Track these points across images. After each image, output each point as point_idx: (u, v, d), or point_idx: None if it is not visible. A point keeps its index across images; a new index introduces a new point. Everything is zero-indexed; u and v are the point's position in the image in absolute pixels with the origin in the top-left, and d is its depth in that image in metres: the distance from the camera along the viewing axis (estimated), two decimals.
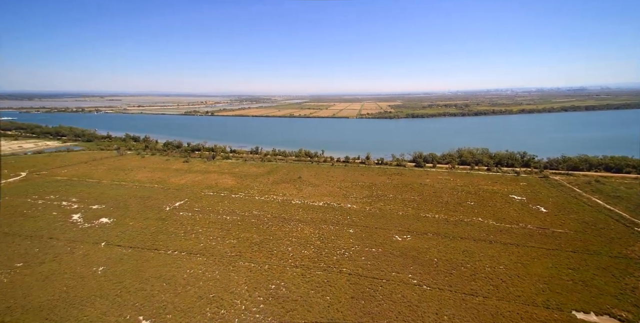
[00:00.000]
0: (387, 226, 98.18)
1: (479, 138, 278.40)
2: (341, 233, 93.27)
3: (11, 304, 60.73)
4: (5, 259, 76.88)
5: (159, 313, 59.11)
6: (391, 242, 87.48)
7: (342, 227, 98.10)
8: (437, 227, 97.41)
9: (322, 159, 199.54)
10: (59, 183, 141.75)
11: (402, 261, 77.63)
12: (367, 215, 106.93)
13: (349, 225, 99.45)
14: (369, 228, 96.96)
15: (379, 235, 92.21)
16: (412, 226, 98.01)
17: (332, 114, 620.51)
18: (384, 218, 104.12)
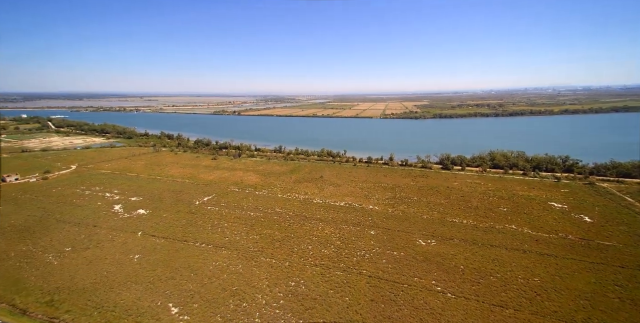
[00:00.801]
0: (410, 229, 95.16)
1: (514, 140, 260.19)
2: (362, 235, 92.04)
3: (60, 285, 67.68)
4: (57, 243, 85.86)
5: (187, 301, 62.48)
6: (414, 246, 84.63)
7: (363, 228, 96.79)
8: (465, 233, 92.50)
9: (344, 158, 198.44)
10: (104, 176, 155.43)
11: (426, 266, 74.77)
12: (389, 217, 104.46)
13: (370, 226, 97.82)
14: (391, 230, 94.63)
15: (401, 238, 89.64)
16: (437, 231, 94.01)
17: (356, 113, 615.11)
18: (407, 221, 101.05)
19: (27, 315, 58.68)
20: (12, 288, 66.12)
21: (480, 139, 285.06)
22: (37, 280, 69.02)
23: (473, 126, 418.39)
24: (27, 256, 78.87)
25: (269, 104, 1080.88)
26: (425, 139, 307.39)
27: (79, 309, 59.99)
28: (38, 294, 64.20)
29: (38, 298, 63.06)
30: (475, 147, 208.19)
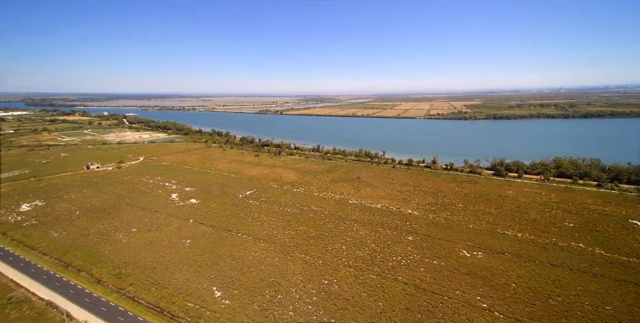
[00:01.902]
0: (453, 238, 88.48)
1: (587, 146, 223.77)
2: (399, 239, 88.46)
3: (126, 260, 78.37)
4: (126, 224, 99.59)
5: (228, 287, 67.27)
6: (457, 257, 78.49)
7: (400, 232, 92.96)
8: (519, 247, 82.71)
9: (383, 160, 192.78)
10: (164, 168, 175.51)
11: (470, 280, 68.78)
12: (429, 224, 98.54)
13: (408, 232, 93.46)
14: (431, 238, 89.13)
15: (443, 247, 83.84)
16: (486, 242, 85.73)
17: (397, 114, 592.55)
18: (449, 230, 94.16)
19: (101, 284, 69.29)
20: (90, 260, 78.70)
21: (543, 144, 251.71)
22: (110, 254, 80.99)
23: (535, 129, 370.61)
24: (103, 233, 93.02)
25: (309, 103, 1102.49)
26: (474, 141, 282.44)
27: (141, 283, 68.79)
28: (110, 267, 75.32)
29: (110, 270, 73.98)
30: (537, 152, 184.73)
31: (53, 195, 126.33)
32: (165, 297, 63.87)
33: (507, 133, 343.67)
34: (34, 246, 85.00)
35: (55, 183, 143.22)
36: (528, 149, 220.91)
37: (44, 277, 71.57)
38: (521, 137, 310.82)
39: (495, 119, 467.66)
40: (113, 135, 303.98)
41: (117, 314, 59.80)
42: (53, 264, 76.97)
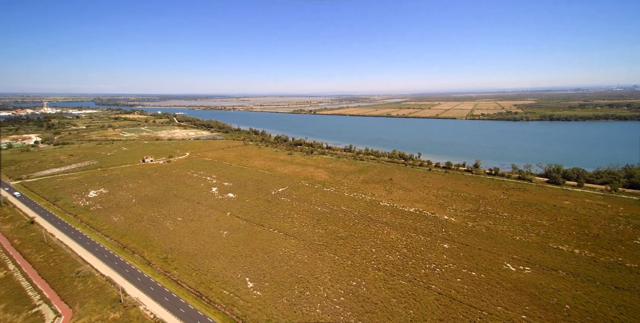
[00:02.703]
0: (495, 250, 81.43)
1: None
2: (433, 246, 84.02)
3: (172, 246, 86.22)
4: (173, 213, 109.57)
5: (260, 279, 70.36)
6: (500, 270, 72.08)
7: (434, 239, 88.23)
8: (576, 265, 73.17)
9: (418, 162, 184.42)
10: (206, 163, 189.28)
11: (515, 296, 62.70)
12: (468, 232, 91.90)
13: (444, 239, 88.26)
14: (470, 247, 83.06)
15: (483, 258, 77.62)
16: (535, 257, 77.40)
17: (435, 114, 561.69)
18: (492, 240, 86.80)
19: (150, 266, 77.28)
20: (143, 243, 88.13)
21: (610, 149, 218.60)
22: (159, 240, 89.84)
23: (600, 132, 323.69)
24: (153, 220, 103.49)
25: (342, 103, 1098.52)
26: (525, 145, 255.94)
27: (183, 268, 75.22)
28: (158, 251, 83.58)
29: (158, 254, 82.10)
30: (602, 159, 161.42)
31: (115, 184, 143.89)
32: (203, 283, 69.01)
33: (565, 136, 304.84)
34: (98, 228, 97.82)
35: (117, 173, 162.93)
36: (591, 154, 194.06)
37: (105, 256, 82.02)
38: (583, 141, 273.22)
39: (551, 121, 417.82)
40: (165, 132, 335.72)
41: (163, 295, 66.17)
42: (112, 245, 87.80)
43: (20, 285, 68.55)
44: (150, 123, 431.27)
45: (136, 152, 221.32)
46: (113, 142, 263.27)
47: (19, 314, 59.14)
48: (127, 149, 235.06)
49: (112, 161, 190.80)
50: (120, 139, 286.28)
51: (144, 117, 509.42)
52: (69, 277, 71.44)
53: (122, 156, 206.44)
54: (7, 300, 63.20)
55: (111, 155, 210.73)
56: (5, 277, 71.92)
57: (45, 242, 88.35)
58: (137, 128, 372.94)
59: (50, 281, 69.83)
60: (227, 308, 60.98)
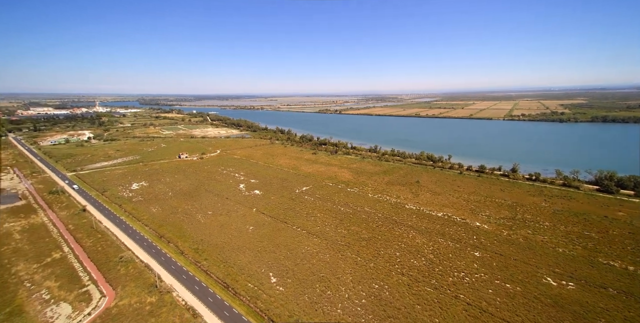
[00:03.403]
0: (534, 261, 75.06)
1: None
2: (463, 254, 79.63)
3: (203, 238, 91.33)
4: (204, 207, 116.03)
5: (282, 275, 71.97)
6: (538, 284, 66.31)
7: (464, 246, 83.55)
8: (630, 283, 64.97)
9: (448, 164, 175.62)
10: (235, 160, 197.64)
11: (555, 313, 57.31)
12: (503, 241, 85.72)
13: (475, 246, 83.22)
14: (505, 257, 77.41)
15: (520, 269, 71.94)
16: (580, 272, 70.06)
17: (469, 114, 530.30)
18: (530, 251, 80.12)
19: (183, 256, 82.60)
20: (177, 234, 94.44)
21: None
22: (191, 231, 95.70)
23: None
24: (187, 213, 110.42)
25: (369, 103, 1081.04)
26: (572, 149, 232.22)
27: (212, 259, 79.38)
28: (190, 242, 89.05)
29: (190, 245, 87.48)
30: None
31: (154, 178, 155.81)
32: (230, 275, 72.22)
33: (621, 140, 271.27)
34: (139, 218, 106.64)
35: (156, 168, 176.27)
36: None
37: (144, 244, 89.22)
38: None
39: (604, 123, 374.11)
40: (199, 131, 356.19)
41: (194, 283, 70.40)
42: (151, 234, 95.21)
43: (73, 266, 77.06)
44: (186, 122, 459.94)
45: (173, 148, 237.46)
46: (153, 139, 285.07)
47: (71, 292, 66.57)
48: (166, 145, 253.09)
49: (152, 156, 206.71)
50: (159, 136, 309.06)
51: (180, 116, 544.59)
52: (113, 261, 78.86)
53: (161, 152, 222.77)
54: (62, 279, 71.43)
55: (151, 151, 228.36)
56: (61, 258, 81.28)
57: (94, 228, 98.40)
58: (175, 126, 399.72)
59: (97, 264, 77.65)
60: (251, 300, 63.25)
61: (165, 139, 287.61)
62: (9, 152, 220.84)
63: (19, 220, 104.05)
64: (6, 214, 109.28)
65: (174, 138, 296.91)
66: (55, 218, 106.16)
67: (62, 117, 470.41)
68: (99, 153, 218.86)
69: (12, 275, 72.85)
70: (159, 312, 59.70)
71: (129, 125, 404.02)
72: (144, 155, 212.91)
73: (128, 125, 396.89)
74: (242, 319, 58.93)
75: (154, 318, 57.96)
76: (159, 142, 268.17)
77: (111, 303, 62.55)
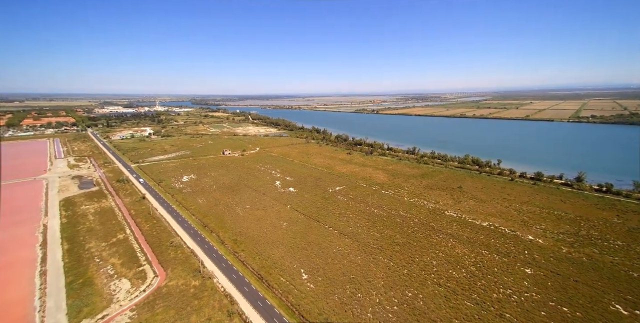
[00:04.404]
0: (600, 285, 64.97)
1: None
2: (511, 269, 72.26)
3: (241, 230, 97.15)
4: (243, 201, 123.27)
5: (313, 272, 73.22)
6: (604, 311, 57.26)
7: (513, 261, 75.71)
8: None
9: (497, 170, 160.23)
10: (273, 158, 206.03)
11: None
12: (561, 259, 75.70)
13: (526, 262, 74.87)
14: (563, 277, 68.33)
15: (581, 293, 62.89)
16: None
17: (525, 114, 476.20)
18: (595, 273, 69.50)
19: (223, 245, 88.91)
20: (219, 224, 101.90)
21: None
22: (231, 223, 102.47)
23: None
24: (228, 206, 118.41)
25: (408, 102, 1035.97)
26: None
27: (249, 251, 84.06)
28: (230, 233, 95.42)
29: (230, 235, 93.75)
30: None
31: (201, 171, 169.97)
32: (264, 267, 75.72)
33: None
34: (188, 207, 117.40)
35: (203, 163, 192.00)
36: None
37: (191, 232, 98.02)
38: None
39: None
40: (241, 129, 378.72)
41: (232, 272, 75.37)
42: (197, 223, 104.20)
43: (132, 247, 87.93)
44: (230, 120, 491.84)
45: (218, 145, 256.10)
46: (202, 136, 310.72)
47: (130, 270, 76.08)
48: (212, 142, 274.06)
49: (200, 152, 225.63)
50: (207, 133, 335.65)
51: (225, 115, 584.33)
52: (165, 245, 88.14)
53: (208, 148, 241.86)
54: (124, 258, 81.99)
55: (200, 147, 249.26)
56: (124, 238, 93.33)
57: (151, 214, 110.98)
58: (220, 124, 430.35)
59: (152, 246, 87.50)
60: (283, 294, 65.55)
61: (211, 136, 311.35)
62: (87, 145, 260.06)
63: (92, 204, 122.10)
64: (83, 198, 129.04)
65: (219, 135, 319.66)
66: (120, 204, 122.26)
67: (129, 115, 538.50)
68: (156, 147, 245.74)
69: (86, 250, 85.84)
70: (201, 296, 65.23)
71: (182, 123, 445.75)
72: (194, 150, 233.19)
73: (181, 123, 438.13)
74: (274, 311, 61.45)
75: (197, 301, 63.50)
76: (207, 139, 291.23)
77: (162, 283, 70.10)
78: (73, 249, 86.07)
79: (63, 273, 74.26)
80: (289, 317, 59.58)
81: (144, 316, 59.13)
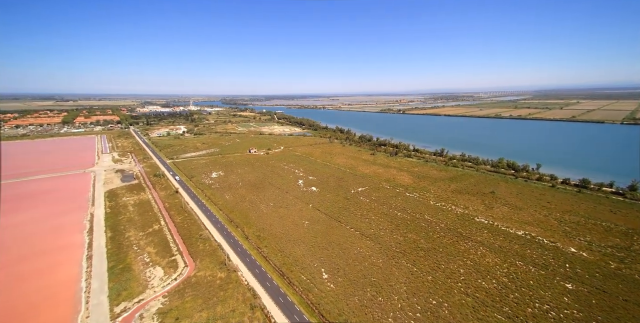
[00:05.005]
0: None
1: None
2: (549, 283, 66.63)
3: (264, 227, 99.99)
4: (267, 199, 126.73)
5: (334, 272, 73.33)
6: None
7: (551, 274, 69.71)
8: None
9: (535, 175, 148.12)
10: (296, 157, 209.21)
11: None
12: (609, 275, 68.27)
13: (567, 277, 68.57)
14: (610, 295, 61.60)
15: (632, 314, 56.26)
16: None
17: (571, 115, 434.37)
18: None
19: (247, 240, 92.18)
20: (244, 220, 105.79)
21: None
22: (255, 219, 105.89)
23: None
24: (253, 202, 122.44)
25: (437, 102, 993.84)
26: None
27: (271, 247, 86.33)
28: (254, 229, 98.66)
29: (254, 231, 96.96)
30: None
31: (229, 169, 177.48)
32: (286, 264, 77.30)
33: None
34: (216, 202, 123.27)
35: (231, 160, 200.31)
36: None
37: (218, 226, 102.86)
38: None
39: None
40: (266, 128, 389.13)
41: (255, 267, 77.94)
42: (224, 218, 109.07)
43: (166, 238, 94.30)
44: (257, 120, 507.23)
45: (245, 143, 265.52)
46: (230, 135, 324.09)
47: (163, 259, 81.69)
48: (239, 140, 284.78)
49: (228, 150, 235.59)
50: (235, 132, 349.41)
51: (252, 115, 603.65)
52: (195, 237, 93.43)
53: (236, 146, 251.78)
54: (158, 247, 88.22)
55: (228, 145, 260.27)
56: (159, 229, 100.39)
57: (183, 208, 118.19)
58: (247, 124, 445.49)
59: (183, 238, 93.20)
60: (303, 292, 66.48)
61: (239, 135, 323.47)
62: (129, 141, 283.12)
63: (132, 196, 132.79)
64: (125, 190, 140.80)
65: (246, 134, 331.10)
66: (156, 197, 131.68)
67: (166, 114, 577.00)
68: (189, 145, 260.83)
69: (125, 238, 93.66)
70: (226, 287, 68.29)
71: (213, 121, 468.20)
72: (222, 148, 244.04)
73: (212, 122, 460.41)
74: (294, 308, 62.54)
75: (222, 292, 66.61)
76: (234, 138, 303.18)
77: (191, 273, 74.48)
78: (115, 237, 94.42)
79: (106, 259, 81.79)
80: (309, 315, 60.28)
81: (174, 303, 63.29)
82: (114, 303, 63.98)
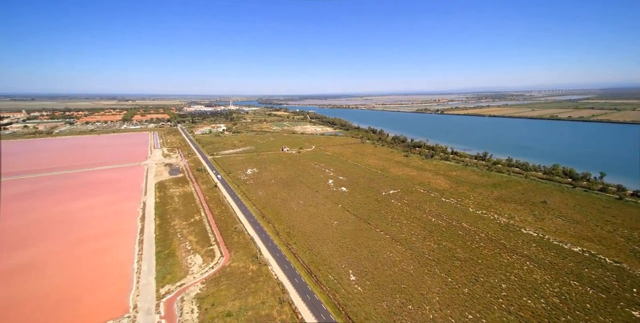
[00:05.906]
0: None
1: None
2: (610, 309, 58.27)
3: (294, 224, 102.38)
4: (297, 197, 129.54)
5: (362, 275, 72.49)
6: None
7: (614, 298, 60.81)
8: None
9: (598, 185, 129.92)
10: (327, 157, 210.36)
11: None
12: None
13: (634, 303, 59.27)
14: None
15: None
16: None
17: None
18: None
19: (278, 236, 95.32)
20: (275, 216, 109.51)
21: None
22: (286, 216, 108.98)
23: None
24: (284, 200, 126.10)
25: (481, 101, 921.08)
26: None
27: (300, 244, 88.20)
28: (284, 225, 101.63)
29: (284, 228, 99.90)
30: None
31: (262, 166, 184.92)
32: (314, 262, 78.38)
33: None
34: (250, 198, 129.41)
35: (265, 158, 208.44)
36: None
37: (251, 220, 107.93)
38: None
39: None
40: (299, 127, 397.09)
41: (284, 262, 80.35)
42: (257, 213, 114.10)
43: (205, 228, 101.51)
44: (290, 119, 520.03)
45: (278, 142, 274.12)
46: (265, 133, 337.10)
47: (202, 248, 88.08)
48: (273, 139, 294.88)
49: (263, 148, 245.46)
50: (269, 131, 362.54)
51: (286, 114, 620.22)
52: (230, 229, 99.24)
53: (270, 145, 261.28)
54: (199, 236, 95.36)
55: (263, 143, 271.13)
56: (199, 220, 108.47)
57: (221, 201, 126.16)
58: (281, 123, 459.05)
59: (220, 229, 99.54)
60: (330, 292, 66.85)
61: (273, 134, 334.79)
62: (177, 138, 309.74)
63: (178, 188, 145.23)
64: (172, 182, 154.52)
65: (280, 133, 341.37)
66: (198, 190, 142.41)
67: (208, 113, 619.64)
68: (228, 142, 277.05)
69: (171, 226, 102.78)
70: (257, 280, 71.52)
71: (249, 120, 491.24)
72: (257, 146, 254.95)
73: (249, 121, 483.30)
74: (321, 307, 63.22)
75: (253, 284, 69.90)
76: (269, 136, 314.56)
77: (226, 263, 79.32)
78: (162, 224, 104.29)
79: (154, 244, 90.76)
80: (336, 315, 60.48)
81: (210, 290, 68.06)
82: (159, 285, 70.85)
